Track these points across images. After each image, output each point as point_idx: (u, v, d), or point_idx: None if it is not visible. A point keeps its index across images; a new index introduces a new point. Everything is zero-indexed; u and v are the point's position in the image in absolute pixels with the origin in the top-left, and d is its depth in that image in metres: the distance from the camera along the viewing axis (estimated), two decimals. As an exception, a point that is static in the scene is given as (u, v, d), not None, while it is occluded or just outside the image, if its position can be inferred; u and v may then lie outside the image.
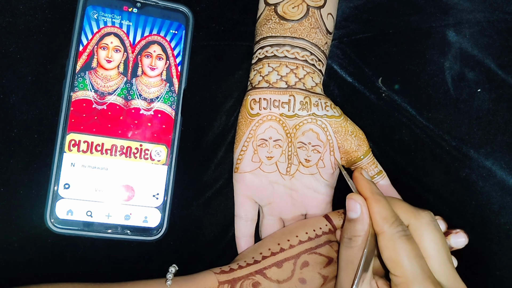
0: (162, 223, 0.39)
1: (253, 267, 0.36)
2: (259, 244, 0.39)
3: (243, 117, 0.40)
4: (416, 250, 0.32)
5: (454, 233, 0.38)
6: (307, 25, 0.38)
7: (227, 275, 0.36)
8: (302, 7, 0.38)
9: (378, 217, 0.33)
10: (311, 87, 0.39)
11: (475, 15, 0.40)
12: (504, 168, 0.38)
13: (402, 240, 0.32)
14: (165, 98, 0.39)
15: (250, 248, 0.40)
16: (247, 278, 0.36)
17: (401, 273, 0.31)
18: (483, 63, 0.40)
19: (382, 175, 0.40)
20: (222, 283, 0.35)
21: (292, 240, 0.38)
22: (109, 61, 0.39)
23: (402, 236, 0.32)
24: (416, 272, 0.31)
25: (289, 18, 0.38)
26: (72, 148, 0.38)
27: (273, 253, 0.37)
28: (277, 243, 0.38)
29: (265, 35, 0.39)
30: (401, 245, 0.31)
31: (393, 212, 0.33)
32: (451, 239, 0.37)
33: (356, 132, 0.40)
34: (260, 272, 0.36)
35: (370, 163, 0.40)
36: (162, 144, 0.39)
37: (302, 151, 0.39)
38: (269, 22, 0.39)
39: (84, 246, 0.39)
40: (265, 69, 0.39)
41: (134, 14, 0.39)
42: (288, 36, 0.38)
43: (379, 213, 0.33)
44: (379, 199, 0.33)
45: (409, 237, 0.32)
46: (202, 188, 0.42)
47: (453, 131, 0.40)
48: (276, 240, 0.38)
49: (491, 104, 0.39)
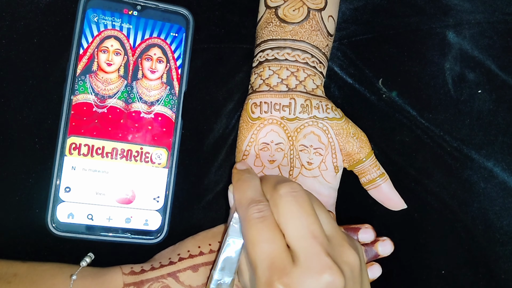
0: (162, 226, 0.39)
1: (166, 268, 0.35)
2: (179, 244, 0.38)
3: (244, 121, 0.40)
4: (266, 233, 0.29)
5: (381, 241, 0.38)
6: (308, 27, 0.38)
7: (135, 277, 0.34)
8: (302, 9, 0.38)
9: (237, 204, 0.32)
10: (312, 89, 0.39)
11: (475, 16, 0.40)
12: (506, 170, 0.38)
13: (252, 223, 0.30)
14: (166, 101, 0.39)
15: (169, 248, 0.38)
16: (156, 280, 0.34)
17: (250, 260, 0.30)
18: (483, 64, 0.40)
19: (384, 178, 0.40)
20: (128, 285, 0.34)
21: (213, 245, 0.36)
22: (109, 64, 0.38)
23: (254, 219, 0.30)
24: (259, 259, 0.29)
25: (289, 21, 0.38)
26: (72, 151, 0.38)
27: (191, 256, 0.36)
28: (198, 246, 0.36)
29: (266, 38, 0.39)
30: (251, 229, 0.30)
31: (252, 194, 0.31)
32: (378, 247, 0.38)
33: (358, 134, 0.40)
34: (173, 275, 0.35)
35: (372, 165, 0.40)
36: (162, 147, 0.39)
37: (304, 154, 0.39)
38: (270, 25, 0.39)
39: (85, 249, 0.39)
40: (265, 72, 0.39)
41: (134, 17, 0.39)
42: (289, 38, 0.38)
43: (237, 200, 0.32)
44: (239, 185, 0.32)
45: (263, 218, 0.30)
46: (203, 191, 0.42)
47: (454, 132, 0.40)
48: (197, 243, 0.37)
49: (491, 105, 0.39)
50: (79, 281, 0.34)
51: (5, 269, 0.34)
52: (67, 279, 0.34)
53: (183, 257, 0.36)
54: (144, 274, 0.35)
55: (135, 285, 0.34)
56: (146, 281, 0.34)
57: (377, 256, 0.38)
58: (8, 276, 0.33)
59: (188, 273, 0.35)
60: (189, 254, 0.36)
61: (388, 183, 0.40)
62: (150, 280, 0.34)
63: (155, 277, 0.34)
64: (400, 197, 0.40)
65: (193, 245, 0.37)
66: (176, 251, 0.37)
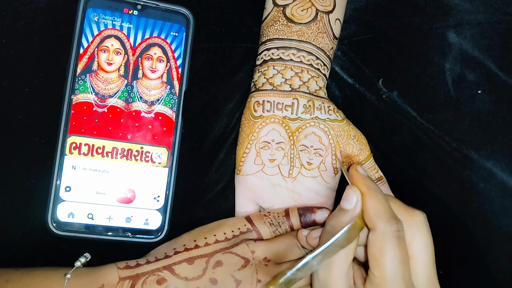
0: (163, 225, 0.39)
1: (161, 262, 0.35)
2: (175, 240, 0.38)
3: (246, 119, 0.40)
4: (403, 255, 0.31)
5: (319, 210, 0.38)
6: (314, 29, 0.38)
7: (130, 271, 0.34)
8: (311, 10, 0.38)
9: (372, 213, 0.32)
10: (315, 90, 0.39)
11: (475, 16, 0.40)
12: (505, 170, 0.38)
13: (392, 242, 0.31)
14: (166, 100, 0.39)
15: (165, 244, 0.38)
16: (152, 274, 0.34)
17: (379, 274, 0.30)
18: (483, 65, 0.40)
19: (382, 181, 0.40)
20: (123, 279, 0.34)
21: (209, 239, 0.36)
22: (109, 64, 0.38)
23: (393, 238, 0.31)
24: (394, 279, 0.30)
25: (297, 21, 0.38)
26: (73, 151, 0.38)
27: (186, 249, 0.36)
28: (193, 240, 0.37)
29: (272, 37, 0.39)
30: (389, 247, 0.30)
31: (389, 210, 0.32)
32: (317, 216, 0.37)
33: (358, 137, 0.40)
34: (168, 268, 0.35)
35: (371, 168, 0.40)
36: (162, 147, 0.39)
37: (304, 154, 0.39)
38: (276, 24, 0.39)
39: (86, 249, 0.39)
40: (269, 71, 0.39)
41: (134, 17, 0.39)
42: (295, 39, 0.38)
43: (374, 209, 0.32)
44: (375, 194, 0.32)
45: (400, 240, 0.31)
46: (203, 190, 0.42)
47: (454, 132, 0.40)
48: (192, 237, 0.37)
49: (491, 105, 0.39)
50: (73, 280, 0.33)
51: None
52: (61, 279, 0.33)
53: (179, 250, 0.36)
54: (139, 268, 0.35)
55: (130, 279, 0.34)
56: (142, 274, 0.34)
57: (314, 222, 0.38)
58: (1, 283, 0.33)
59: (184, 266, 0.35)
60: (184, 247, 0.36)
61: (386, 187, 0.40)
62: (146, 274, 0.34)
63: (151, 271, 0.34)
64: None
65: (189, 239, 0.37)
66: (171, 246, 0.37)
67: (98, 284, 0.33)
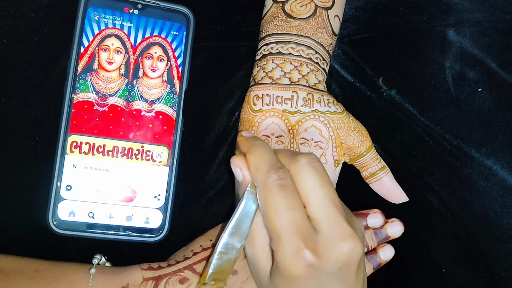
0: (163, 224, 0.39)
1: (182, 263, 0.36)
2: (191, 243, 0.39)
3: (246, 113, 0.40)
4: (289, 202, 0.30)
5: (390, 222, 0.38)
6: (313, 24, 0.38)
7: (153, 272, 0.36)
8: (310, 6, 0.38)
9: (252, 169, 0.31)
10: (314, 84, 0.39)
11: (475, 14, 0.40)
12: (505, 168, 0.38)
13: (273, 191, 0.30)
14: (166, 99, 0.40)
15: (181, 249, 0.39)
16: (174, 274, 0.35)
17: (271, 227, 0.30)
18: (483, 63, 0.40)
19: (386, 171, 0.40)
20: (147, 279, 0.35)
21: None
22: (110, 63, 0.39)
23: (274, 187, 0.30)
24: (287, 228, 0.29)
25: (296, 16, 0.38)
26: (73, 149, 0.38)
27: (204, 249, 0.37)
28: (209, 240, 0.38)
29: (271, 32, 0.39)
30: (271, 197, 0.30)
31: (271, 161, 0.31)
32: (388, 228, 0.38)
33: (358, 128, 0.40)
34: (189, 268, 0.36)
35: (373, 159, 0.40)
36: (163, 145, 0.39)
37: (304, 147, 0.39)
38: (276, 20, 0.39)
39: (86, 248, 0.39)
40: (269, 65, 0.39)
41: (135, 16, 0.39)
42: (294, 33, 0.38)
43: (254, 164, 0.31)
44: (255, 150, 0.32)
45: (284, 187, 0.30)
46: (204, 189, 0.42)
47: (454, 130, 0.40)
48: (208, 238, 0.38)
49: (491, 104, 0.39)
50: (99, 276, 0.35)
51: (26, 265, 0.35)
52: (88, 274, 0.35)
53: (197, 251, 0.37)
54: (162, 269, 0.36)
55: (153, 280, 0.35)
56: (164, 275, 0.35)
57: (388, 238, 0.38)
58: (30, 272, 0.34)
59: (203, 264, 0.36)
60: (201, 248, 0.37)
61: (390, 176, 0.40)
62: (168, 275, 0.35)
63: (173, 272, 0.36)
64: (402, 190, 0.40)
65: (204, 240, 0.38)
66: (189, 248, 0.38)
67: (123, 283, 0.35)
